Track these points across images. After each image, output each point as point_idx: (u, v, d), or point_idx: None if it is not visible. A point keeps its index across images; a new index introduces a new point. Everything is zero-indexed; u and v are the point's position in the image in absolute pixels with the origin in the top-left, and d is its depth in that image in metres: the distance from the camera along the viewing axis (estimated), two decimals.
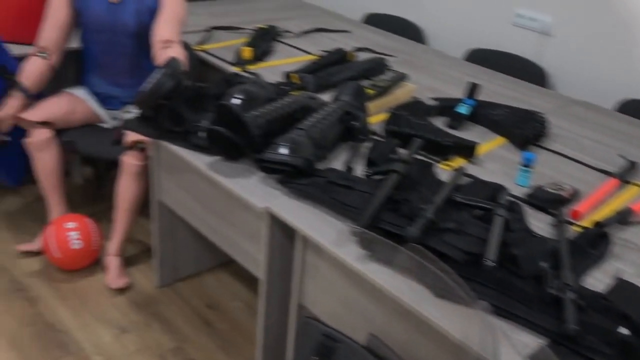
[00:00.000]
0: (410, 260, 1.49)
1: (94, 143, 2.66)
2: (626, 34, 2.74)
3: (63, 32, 2.58)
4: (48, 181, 2.64)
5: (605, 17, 2.80)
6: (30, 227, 2.86)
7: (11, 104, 2.52)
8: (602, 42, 2.84)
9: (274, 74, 2.68)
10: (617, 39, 2.78)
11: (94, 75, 2.68)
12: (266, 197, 1.81)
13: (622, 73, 2.80)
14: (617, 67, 2.81)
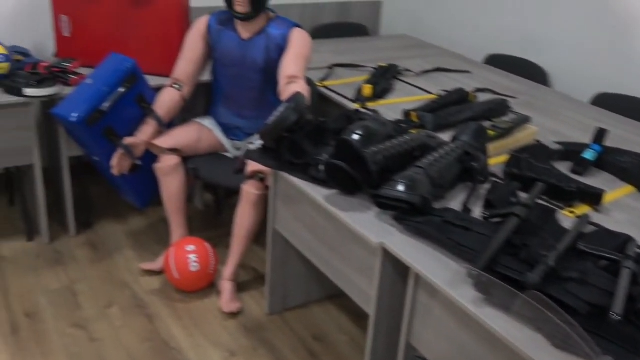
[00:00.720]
0: (529, 307, 1.44)
1: (216, 171, 2.78)
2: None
3: (197, 66, 2.74)
4: (172, 205, 2.78)
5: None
6: (153, 247, 3.02)
7: (145, 131, 2.70)
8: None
9: (393, 112, 2.71)
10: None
11: (221, 107, 2.82)
12: (381, 233, 1.81)
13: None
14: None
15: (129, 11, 2.87)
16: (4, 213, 3.25)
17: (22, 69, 2.77)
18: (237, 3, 2.53)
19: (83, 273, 2.81)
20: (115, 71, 2.61)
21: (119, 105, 2.61)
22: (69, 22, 2.95)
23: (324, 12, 4.02)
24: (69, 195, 2.95)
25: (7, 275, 2.76)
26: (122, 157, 2.64)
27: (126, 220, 3.25)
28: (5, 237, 3.02)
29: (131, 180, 2.79)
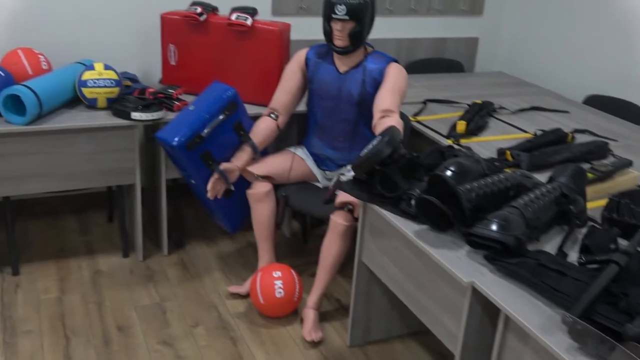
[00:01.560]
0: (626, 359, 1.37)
1: (306, 200, 2.82)
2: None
3: (293, 97, 2.82)
4: (262, 231, 2.84)
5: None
6: (240, 271, 3.09)
7: (240, 157, 2.78)
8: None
9: (487, 150, 2.68)
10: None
11: (314, 137, 2.87)
12: (471, 272, 1.79)
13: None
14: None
15: (232, 42, 2.99)
16: (102, 229, 3.42)
17: (130, 93, 2.94)
18: (336, 37, 2.59)
19: (173, 291, 2.91)
20: (217, 99, 2.72)
21: (217, 132, 2.71)
22: (175, 51, 3.11)
23: (419, 47, 4.04)
24: (164, 215, 3.08)
25: (102, 288, 2.89)
26: (218, 182, 2.73)
27: (216, 243, 3.34)
28: (103, 252, 3.18)
29: (224, 205, 2.87)
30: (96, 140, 2.80)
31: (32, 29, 3.17)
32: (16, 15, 3.14)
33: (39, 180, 2.78)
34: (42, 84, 2.70)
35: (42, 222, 3.44)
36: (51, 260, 3.09)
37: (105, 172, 2.88)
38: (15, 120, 2.64)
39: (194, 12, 3.01)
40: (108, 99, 2.84)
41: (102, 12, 3.29)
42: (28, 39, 3.16)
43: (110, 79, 2.82)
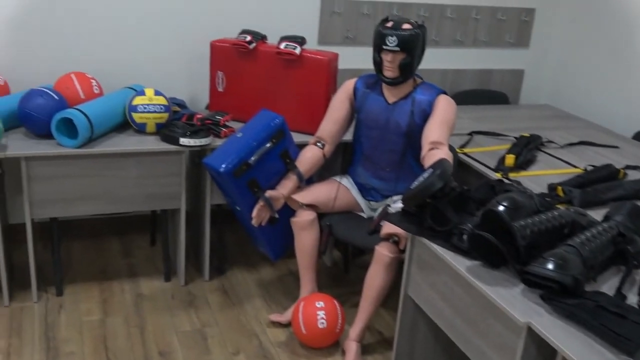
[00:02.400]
0: None
1: (351, 229, 2.80)
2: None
3: (340, 126, 2.82)
4: (305, 259, 2.83)
5: None
6: (281, 299, 3.07)
7: (286, 185, 2.78)
8: None
9: (536, 184, 2.63)
10: None
11: (360, 167, 2.86)
12: (526, 312, 1.74)
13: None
14: None
15: (280, 71, 3.02)
16: (145, 252, 3.44)
17: (179, 119, 2.97)
18: (386, 68, 2.59)
19: (214, 317, 2.90)
20: (265, 127, 2.73)
21: (264, 159, 2.72)
22: (223, 78, 3.14)
23: (464, 78, 4.02)
24: (207, 240, 3.08)
25: (144, 312, 2.90)
26: (263, 209, 2.73)
27: (257, 269, 3.33)
28: (145, 275, 3.19)
29: (268, 232, 2.86)
30: (144, 165, 2.83)
31: (84, 54, 3.24)
32: (69, 41, 3.21)
33: (86, 203, 2.81)
34: (93, 108, 2.75)
35: (86, 243, 3.48)
36: (94, 281, 3.11)
37: (152, 196, 2.90)
38: (67, 143, 2.68)
39: (244, 40, 3.05)
40: (157, 124, 2.87)
41: (152, 38, 3.35)
42: (80, 63, 3.23)
43: (160, 105, 2.86)
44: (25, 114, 2.71)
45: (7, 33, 3.11)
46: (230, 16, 3.43)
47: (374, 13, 3.70)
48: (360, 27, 3.70)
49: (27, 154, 2.63)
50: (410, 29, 2.55)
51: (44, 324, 2.75)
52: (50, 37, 3.18)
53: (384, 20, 2.61)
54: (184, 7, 3.35)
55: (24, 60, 3.16)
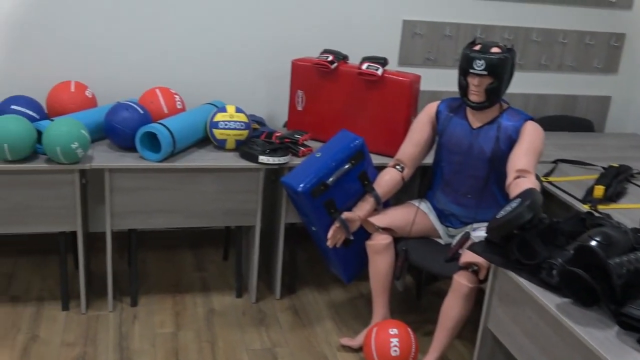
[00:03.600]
0: None
1: (427, 255, 2.73)
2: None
3: (420, 150, 2.76)
4: (378, 284, 2.77)
5: None
6: (352, 322, 3.02)
7: (363, 207, 2.74)
8: None
9: (627, 218, 2.49)
10: None
11: (439, 192, 2.78)
12: (622, 355, 1.63)
13: None
14: None
15: (361, 91, 2.99)
16: (217, 266, 3.46)
17: (258, 136, 2.98)
18: (472, 92, 2.52)
19: (284, 337, 2.87)
20: (344, 148, 2.71)
21: (342, 181, 2.69)
22: (303, 97, 3.14)
23: (548, 103, 3.90)
24: (280, 259, 3.07)
25: (216, 327, 2.90)
26: (338, 231, 2.69)
27: (327, 290, 3.29)
28: (217, 290, 3.20)
29: (342, 254, 2.83)
30: (222, 181, 2.84)
31: (169, 69, 3.31)
32: (154, 57, 3.28)
33: (165, 216, 2.85)
34: (176, 123, 2.79)
35: (160, 254, 3.53)
36: (168, 294, 3.14)
37: (228, 212, 2.91)
38: (150, 157, 2.73)
39: (325, 59, 3.04)
40: (237, 141, 2.89)
41: (233, 55, 3.39)
42: (164, 78, 3.30)
43: (241, 122, 2.88)
44: (111, 126, 2.78)
45: (96, 50, 3.21)
46: (312, 35, 3.44)
47: (456, 35, 3.64)
48: (442, 48, 3.64)
49: (111, 166, 2.69)
50: (499, 52, 2.48)
51: (118, 334, 2.79)
52: (136, 53, 3.26)
53: (471, 43, 2.55)
54: (266, 26, 3.38)
55: (110, 74, 3.25)
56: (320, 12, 3.43)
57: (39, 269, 3.28)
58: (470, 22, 3.65)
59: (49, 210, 2.70)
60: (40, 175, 2.64)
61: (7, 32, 3.09)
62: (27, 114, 2.79)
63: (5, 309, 2.90)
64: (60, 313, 2.90)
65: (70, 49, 3.18)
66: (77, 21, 3.15)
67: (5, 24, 3.08)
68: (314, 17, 3.43)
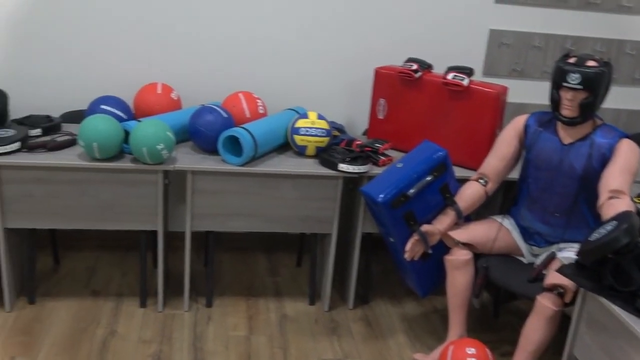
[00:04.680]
0: None
1: (508, 274, 2.64)
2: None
3: (506, 164, 2.67)
4: (455, 300, 2.70)
5: None
6: (426, 337, 2.95)
7: (443, 221, 2.67)
8: None
9: None
10: None
11: (524, 209, 2.69)
12: None
13: None
14: None
15: (444, 102, 2.92)
16: (291, 272, 3.46)
17: (338, 144, 2.96)
18: (564, 107, 2.42)
19: (356, 348, 2.83)
20: (427, 159, 2.65)
21: (423, 192, 2.64)
22: (385, 106, 3.10)
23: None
24: (355, 268, 3.04)
25: (288, 333, 2.89)
26: (417, 243, 2.64)
27: (401, 303, 3.23)
28: (289, 296, 3.20)
29: (419, 267, 2.77)
30: (301, 187, 2.84)
31: (252, 74, 3.34)
32: (236, 61, 3.32)
33: (242, 219, 2.86)
34: (258, 128, 2.81)
35: (234, 257, 3.56)
36: (241, 297, 3.16)
37: (305, 218, 2.90)
38: (232, 161, 2.75)
39: (409, 68, 2.99)
40: (317, 148, 2.88)
41: (315, 61, 3.38)
42: (247, 82, 3.33)
43: (322, 129, 2.87)
44: (195, 129, 2.82)
45: (182, 53, 3.27)
46: (395, 44, 3.40)
47: (545, 46, 3.52)
48: (530, 59, 3.53)
49: (193, 168, 2.73)
50: (595, 66, 2.37)
51: (192, 334, 2.82)
52: (221, 57, 3.30)
53: (565, 55, 2.45)
54: (349, 33, 3.36)
55: (195, 77, 3.31)
56: (405, 20, 3.39)
57: (119, 265, 3.36)
58: (561, 33, 3.52)
59: (133, 209, 2.76)
60: (126, 175, 2.70)
61: (98, 34, 3.19)
62: (115, 114, 2.87)
63: (87, 302, 2.99)
64: (138, 310, 2.96)
65: (158, 51, 3.25)
66: (165, 24, 3.22)
67: (98, 27, 3.18)
68: (398, 25, 3.39)
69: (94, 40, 3.20)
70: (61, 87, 3.24)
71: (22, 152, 2.68)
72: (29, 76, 3.21)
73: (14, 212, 2.69)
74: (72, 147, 2.81)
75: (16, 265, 2.92)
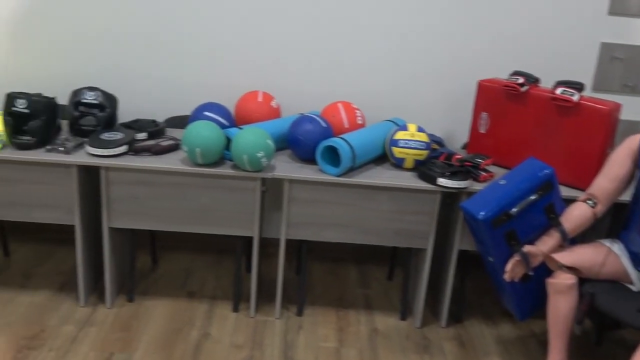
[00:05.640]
0: None
1: (616, 302, 2.48)
2: None
3: (617, 186, 2.52)
4: (557, 326, 2.56)
5: None
6: None
7: (546, 242, 2.56)
8: None
9: None
10: None
11: (635, 234, 2.52)
12: None
13: None
14: None
15: (551, 117, 2.80)
16: (381, 285, 3.41)
17: (437, 157, 2.90)
18: None
19: None
20: (532, 177, 2.54)
21: (527, 212, 2.53)
22: (487, 120, 3.00)
23: None
24: (450, 285, 2.95)
25: (378, 348, 2.84)
26: (518, 265, 2.53)
27: (496, 324, 3.12)
28: (380, 310, 3.15)
29: (518, 289, 2.66)
30: (397, 200, 2.79)
31: (349, 84, 3.33)
32: (336, 70, 3.32)
33: (336, 230, 2.85)
34: (357, 139, 2.78)
35: (325, 266, 3.55)
36: (331, 307, 3.14)
37: (400, 232, 2.85)
38: (330, 171, 2.74)
39: (515, 82, 2.88)
40: (416, 161, 2.83)
41: (414, 72, 3.34)
42: (345, 92, 3.32)
43: (421, 142, 2.81)
44: (294, 138, 2.83)
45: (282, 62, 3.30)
46: (499, 56, 3.30)
47: None
48: None
49: (291, 177, 2.74)
50: None
51: (283, 342, 2.82)
52: (320, 67, 3.31)
53: None
54: (451, 44, 3.30)
55: (295, 86, 3.33)
56: (510, 32, 3.28)
57: (213, 268, 3.43)
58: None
59: (230, 214, 2.80)
60: (226, 180, 2.75)
61: (202, 43, 3.27)
62: (218, 121, 2.93)
63: (182, 303, 3.06)
64: (231, 314, 3.00)
65: (259, 60, 3.30)
66: (267, 35, 3.26)
67: (204, 36, 3.26)
68: (503, 37, 3.29)
69: (198, 49, 3.29)
70: (166, 93, 3.35)
71: (129, 155, 2.78)
72: (137, 82, 3.34)
73: (119, 212, 2.80)
74: (175, 151, 2.89)
75: (117, 264, 3.03)
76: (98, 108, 2.93)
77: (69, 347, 2.65)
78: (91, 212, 2.92)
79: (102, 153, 2.70)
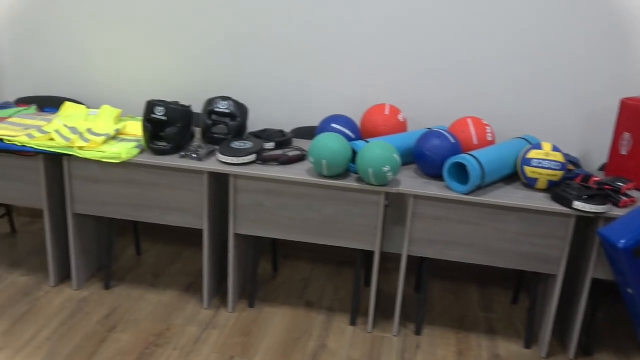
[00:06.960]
0: None
1: None
2: None
3: None
4: None
5: None
6: None
7: None
8: None
9: None
10: None
11: None
12: None
13: None
14: None
15: None
16: (505, 309, 3.26)
17: (572, 179, 2.74)
18: None
19: None
20: None
21: None
22: (630, 141, 2.80)
23: None
24: (580, 315, 2.77)
25: None
26: None
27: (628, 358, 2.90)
28: (503, 335, 3.01)
29: None
30: (526, 222, 2.66)
31: (479, 99, 3.23)
32: (465, 85, 3.22)
33: (459, 249, 2.75)
34: (487, 156, 2.68)
35: (445, 285, 3.45)
36: (451, 328, 3.04)
37: (527, 255, 2.71)
38: (457, 188, 2.66)
39: None
40: (549, 182, 2.68)
41: (547, 88, 3.17)
42: (474, 107, 3.22)
43: (557, 162, 2.67)
44: (421, 153, 2.78)
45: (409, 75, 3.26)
46: None
47: None
48: None
49: (416, 192, 2.68)
50: None
51: None
52: (448, 81, 3.23)
53: None
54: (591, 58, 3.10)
55: (422, 100, 3.28)
56: None
57: (332, 279, 3.43)
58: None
59: (352, 227, 2.79)
60: (350, 193, 2.74)
61: (330, 55, 3.30)
62: (344, 133, 2.94)
63: (301, 312, 3.08)
64: (348, 327, 2.98)
65: (388, 73, 3.28)
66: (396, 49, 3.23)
67: (331, 49, 3.28)
68: None
69: (327, 61, 3.31)
70: (294, 103, 3.41)
71: (257, 164, 2.84)
72: (267, 92, 3.42)
73: (245, 219, 2.86)
74: (301, 162, 2.92)
75: (240, 270, 3.10)
76: (230, 117, 3.02)
77: (192, 347, 2.74)
78: (217, 218, 3.02)
79: (232, 161, 2.78)
